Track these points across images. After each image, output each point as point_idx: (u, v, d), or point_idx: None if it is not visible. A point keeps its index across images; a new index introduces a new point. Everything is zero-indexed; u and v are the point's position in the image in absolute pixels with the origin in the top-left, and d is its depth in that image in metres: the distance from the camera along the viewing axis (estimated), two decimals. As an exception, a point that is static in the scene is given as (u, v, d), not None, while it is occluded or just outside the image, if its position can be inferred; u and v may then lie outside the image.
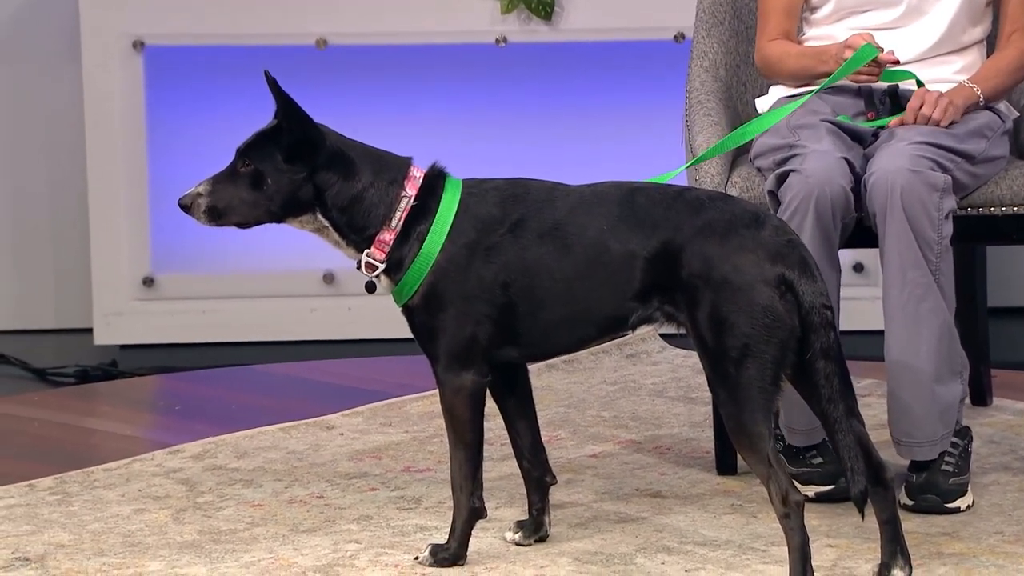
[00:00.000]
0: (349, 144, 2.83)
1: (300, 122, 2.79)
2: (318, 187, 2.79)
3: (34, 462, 3.46)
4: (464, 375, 2.79)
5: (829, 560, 2.90)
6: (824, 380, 2.69)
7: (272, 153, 2.79)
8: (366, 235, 2.80)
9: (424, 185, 2.81)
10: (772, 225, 2.74)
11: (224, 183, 2.80)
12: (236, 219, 2.80)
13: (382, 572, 2.88)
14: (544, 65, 4.55)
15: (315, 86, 4.52)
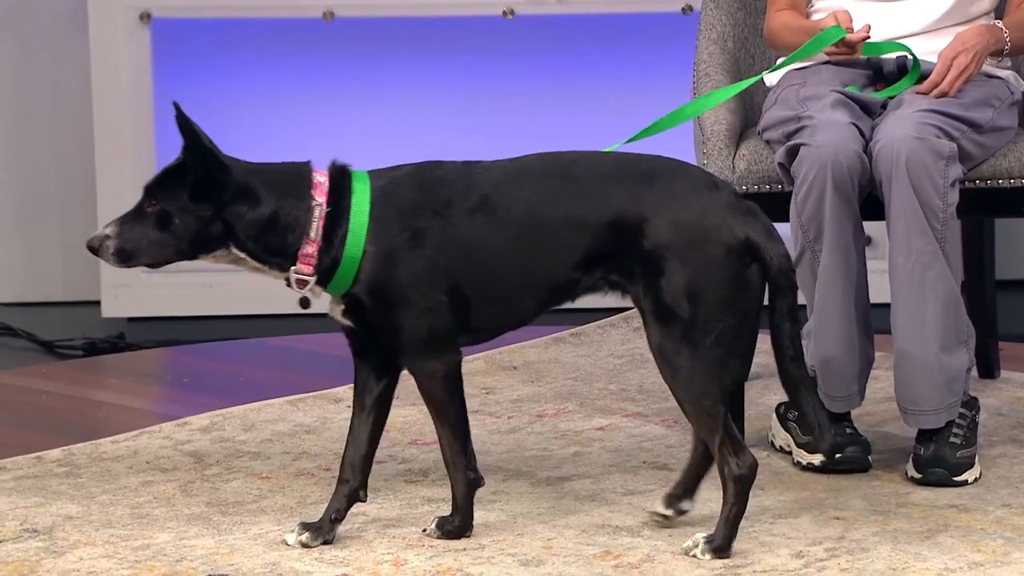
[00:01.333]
0: (252, 171, 2.77)
1: (204, 159, 2.73)
2: (227, 223, 2.74)
3: (42, 434, 3.47)
4: (433, 362, 2.77)
5: (836, 532, 2.91)
6: (789, 341, 2.73)
7: (178, 192, 2.74)
8: (289, 255, 2.75)
9: (332, 188, 2.75)
10: (728, 190, 2.75)
11: (132, 224, 2.75)
12: (146, 260, 2.76)
13: (390, 544, 2.88)
14: (551, 37, 4.54)
15: (322, 58, 4.51)
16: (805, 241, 3.13)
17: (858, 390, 3.18)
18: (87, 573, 2.80)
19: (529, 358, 3.91)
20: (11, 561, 2.85)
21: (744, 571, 2.77)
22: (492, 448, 3.35)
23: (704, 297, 2.68)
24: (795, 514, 2.99)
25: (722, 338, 2.69)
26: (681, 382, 2.71)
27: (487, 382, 3.75)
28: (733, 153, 3.27)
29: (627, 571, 2.77)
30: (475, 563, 2.81)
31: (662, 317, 2.70)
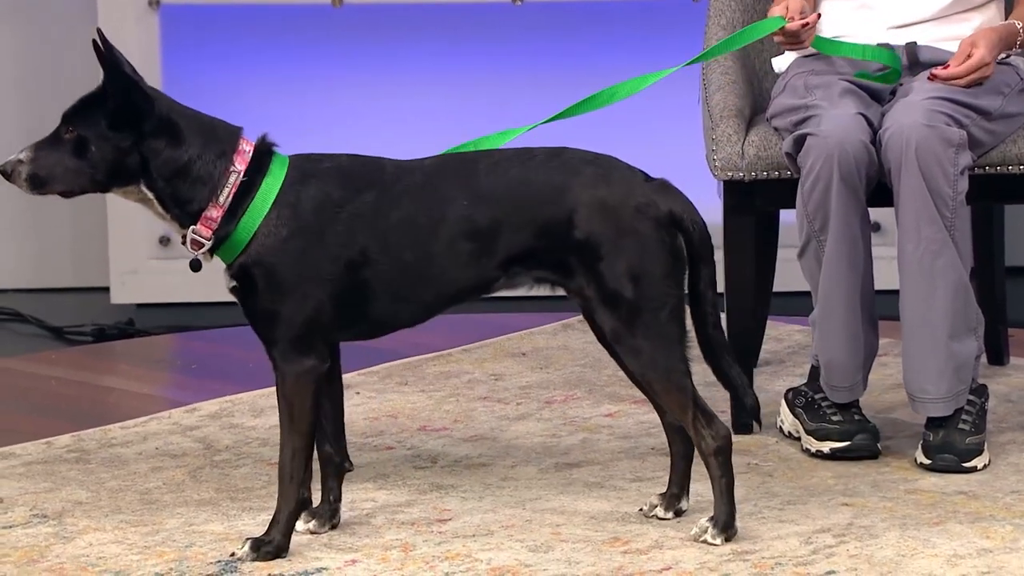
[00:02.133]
0: (180, 111, 2.73)
1: (126, 87, 2.69)
2: (144, 156, 2.70)
3: (52, 419, 3.47)
4: (304, 361, 2.72)
5: (845, 519, 2.91)
6: (711, 308, 2.76)
7: (97, 119, 2.69)
8: (190, 210, 2.71)
9: (252, 161, 2.72)
10: (637, 170, 2.76)
11: (47, 150, 2.71)
12: (59, 187, 2.72)
13: (398, 530, 2.89)
14: (561, 24, 4.53)
15: (330, 45, 4.51)
16: (811, 231, 3.13)
17: (861, 379, 3.18)
18: (96, 558, 2.80)
19: (538, 344, 3.91)
20: (21, 546, 2.85)
21: (753, 557, 2.77)
22: (500, 435, 3.35)
23: (648, 275, 2.70)
24: (804, 500, 2.99)
25: (675, 311, 2.71)
26: (645, 362, 2.72)
27: (495, 368, 3.76)
28: (742, 139, 3.27)
29: (636, 557, 2.77)
30: (484, 549, 2.81)
31: (610, 303, 2.71)
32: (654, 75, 3.00)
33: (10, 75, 4.62)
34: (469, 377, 3.69)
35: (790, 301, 3.91)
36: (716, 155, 3.28)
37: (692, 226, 2.73)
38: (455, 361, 3.80)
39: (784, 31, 3.08)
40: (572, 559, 2.77)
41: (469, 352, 3.85)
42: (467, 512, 2.95)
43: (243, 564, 2.76)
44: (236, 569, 2.75)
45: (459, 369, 3.75)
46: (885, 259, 3.33)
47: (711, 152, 3.29)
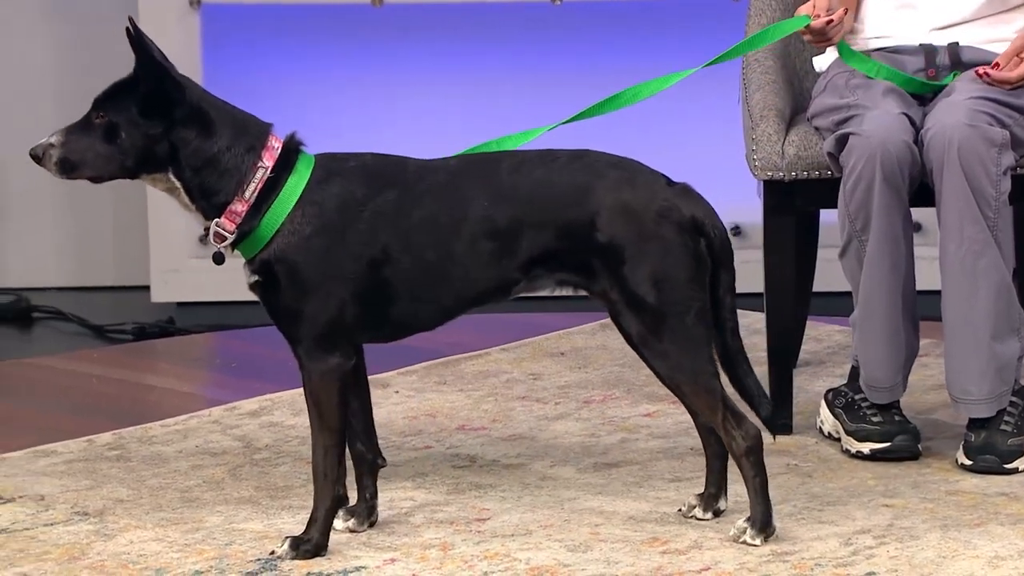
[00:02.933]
0: (211, 102, 2.73)
1: (157, 74, 2.68)
2: (174, 144, 2.70)
3: (93, 418, 3.49)
4: (329, 359, 2.72)
5: (885, 520, 2.90)
6: (729, 313, 2.76)
7: (127, 105, 2.69)
8: (216, 202, 2.71)
9: (280, 158, 2.72)
10: (660, 174, 2.76)
11: (77, 134, 2.71)
12: (89, 172, 2.72)
13: (437, 529, 2.89)
14: (600, 24, 4.53)
15: (371, 44, 4.52)
16: (852, 231, 3.12)
17: (901, 380, 3.17)
18: (137, 556, 2.82)
19: (576, 344, 3.91)
20: (62, 544, 2.87)
21: (793, 558, 2.76)
22: (539, 434, 3.35)
23: (672, 280, 2.70)
24: (844, 501, 2.98)
25: (700, 314, 2.71)
26: (672, 365, 2.72)
27: (534, 368, 3.76)
28: (783, 139, 3.26)
29: (675, 557, 2.77)
30: (522, 549, 2.81)
31: (635, 307, 2.70)
32: (677, 75, 2.99)
33: (51, 75, 4.64)
34: (507, 376, 3.69)
35: (830, 301, 3.90)
36: (756, 155, 3.27)
37: (713, 231, 2.73)
38: (493, 360, 3.80)
39: (810, 29, 3.07)
40: (611, 559, 2.77)
41: (508, 351, 3.86)
42: (506, 511, 2.95)
43: (282, 562, 2.77)
44: (275, 567, 2.76)
45: (497, 368, 3.75)
46: (927, 259, 3.32)
47: (751, 152, 3.28)
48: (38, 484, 3.12)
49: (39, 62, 4.63)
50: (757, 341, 3.61)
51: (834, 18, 3.06)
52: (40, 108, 4.60)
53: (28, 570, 2.78)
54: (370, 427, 2.88)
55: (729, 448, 2.76)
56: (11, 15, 4.62)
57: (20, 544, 2.87)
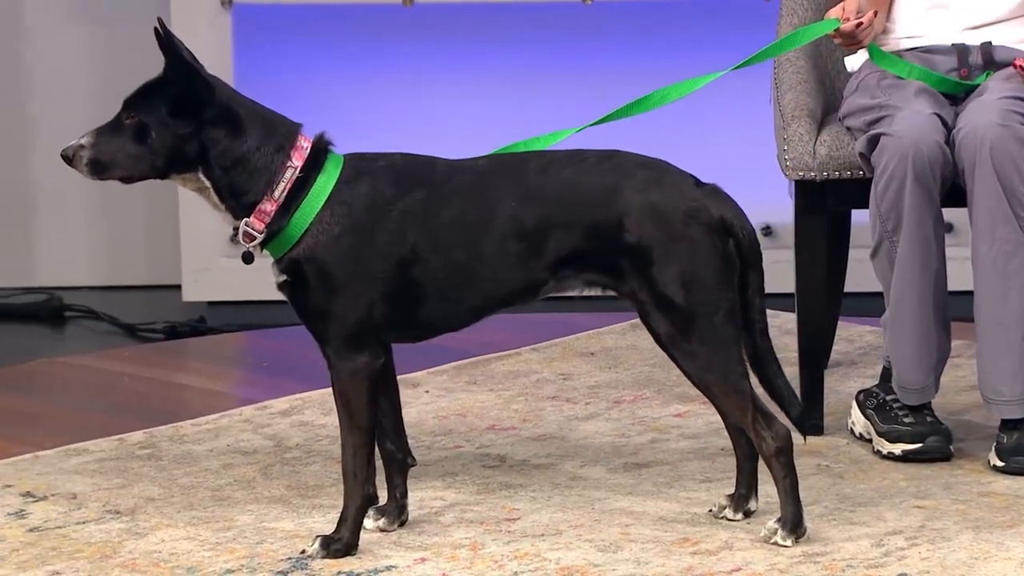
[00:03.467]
0: (240, 102, 2.73)
1: (187, 74, 2.69)
2: (203, 144, 2.70)
3: (124, 416, 3.50)
4: (358, 358, 2.72)
5: (917, 521, 2.89)
6: (759, 314, 2.76)
7: (157, 105, 2.70)
8: (245, 202, 2.72)
9: (310, 156, 2.72)
10: (688, 174, 2.76)
11: (108, 135, 2.72)
12: (119, 173, 2.73)
13: (467, 529, 2.89)
14: (631, 23, 4.52)
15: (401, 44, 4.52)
16: (883, 231, 3.11)
17: (933, 382, 3.16)
18: (168, 555, 2.83)
19: (607, 344, 3.90)
20: (94, 542, 2.88)
21: (824, 559, 2.75)
22: (569, 434, 3.35)
23: (700, 280, 2.70)
24: (875, 502, 2.97)
25: (729, 314, 2.71)
26: (702, 365, 2.72)
27: (564, 368, 3.75)
28: (814, 139, 3.25)
29: (705, 558, 2.76)
30: (553, 549, 2.81)
31: (664, 308, 2.70)
32: (706, 77, 2.99)
33: (83, 76, 4.66)
34: (538, 376, 3.69)
35: (862, 302, 3.89)
36: (787, 155, 3.26)
37: (742, 232, 2.73)
38: (524, 360, 3.80)
39: (839, 32, 3.06)
40: (641, 559, 2.76)
41: (538, 351, 3.85)
42: (536, 511, 2.95)
43: (313, 561, 2.78)
44: (306, 566, 2.76)
45: (528, 368, 3.75)
46: (958, 260, 3.31)
47: (782, 152, 3.28)
48: (70, 482, 3.13)
49: (70, 63, 4.65)
50: (788, 342, 3.60)
51: (864, 21, 3.05)
52: (71, 109, 4.62)
53: (60, 568, 2.79)
54: (400, 426, 2.88)
55: (759, 449, 2.76)
56: (42, 16, 4.64)
57: (52, 542, 2.88)
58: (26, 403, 3.62)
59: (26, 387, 3.74)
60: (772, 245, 4.30)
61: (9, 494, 3.07)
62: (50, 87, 4.65)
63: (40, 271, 4.68)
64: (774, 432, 2.74)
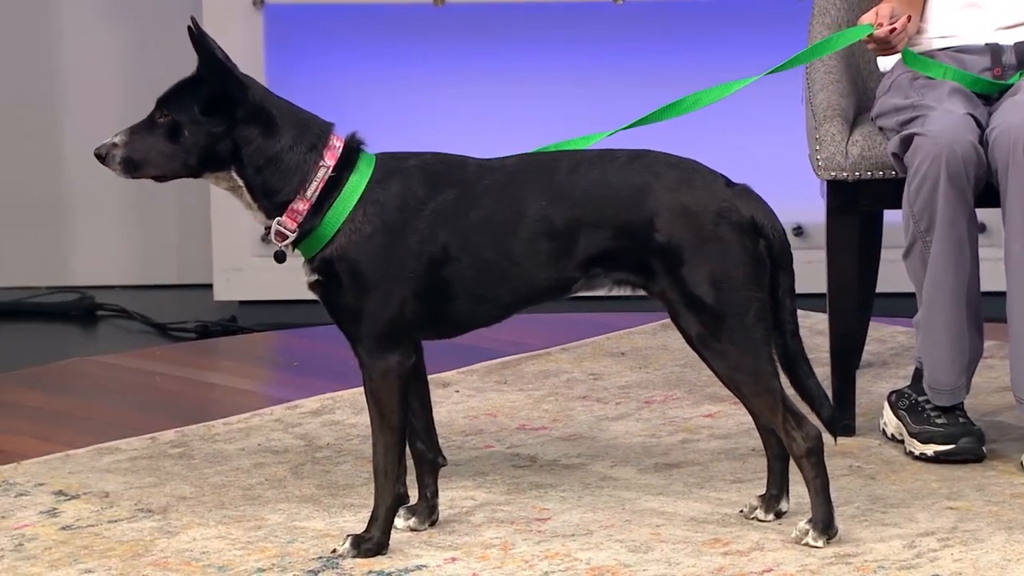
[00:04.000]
0: (273, 101, 2.74)
1: (220, 73, 2.70)
2: (236, 143, 2.70)
3: (156, 415, 3.51)
4: (390, 357, 2.72)
5: (949, 523, 2.87)
6: (789, 316, 2.76)
7: (190, 104, 2.71)
8: (277, 201, 2.72)
9: (342, 156, 2.72)
10: (719, 174, 2.75)
11: (141, 134, 2.73)
12: (153, 171, 2.73)
13: (497, 529, 2.89)
14: (662, 23, 4.52)
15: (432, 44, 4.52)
16: (916, 231, 3.09)
17: (965, 383, 3.15)
18: (200, 553, 2.83)
19: (637, 344, 3.90)
20: (126, 540, 2.89)
21: (855, 560, 2.74)
22: (600, 434, 3.35)
23: (730, 281, 2.70)
24: (907, 503, 2.96)
25: (760, 314, 2.71)
26: (732, 365, 2.71)
27: (595, 368, 3.75)
28: (846, 139, 3.24)
29: (736, 559, 2.76)
30: (583, 549, 2.81)
31: (694, 308, 2.70)
32: (738, 82, 2.99)
33: (115, 75, 4.68)
34: (568, 376, 3.69)
35: (894, 302, 3.87)
36: (819, 155, 3.25)
37: (772, 233, 2.73)
38: (554, 360, 3.80)
39: (873, 37, 3.05)
40: (672, 560, 2.76)
41: (568, 351, 3.85)
42: (566, 511, 2.95)
43: (344, 561, 2.78)
44: (337, 566, 2.77)
45: (558, 368, 3.75)
46: (992, 260, 3.29)
47: (814, 151, 3.27)
48: (102, 481, 3.14)
49: (103, 62, 4.67)
50: (820, 342, 3.59)
51: (897, 26, 3.04)
52: (104, 109, 4.63)
53: (92, 566, 2.80)
54: (430, 426, 2.88)
55: (789, 449, 2.75)
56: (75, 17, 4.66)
57: (85, 541, 2.89)
58: (58, 402, 3.64)
59: (58, 386, 3.75)
60: (804, 245, 4.28)
61: (41, 493, 3.08)
62: (83, 87, 4.67)
63: (73, 271, 4.70)
64: (804, 432, 2.73)
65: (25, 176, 4.69)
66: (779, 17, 4.43)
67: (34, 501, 3.05)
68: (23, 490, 3.10)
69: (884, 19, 3.05)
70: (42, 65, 4.67)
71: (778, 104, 4.12)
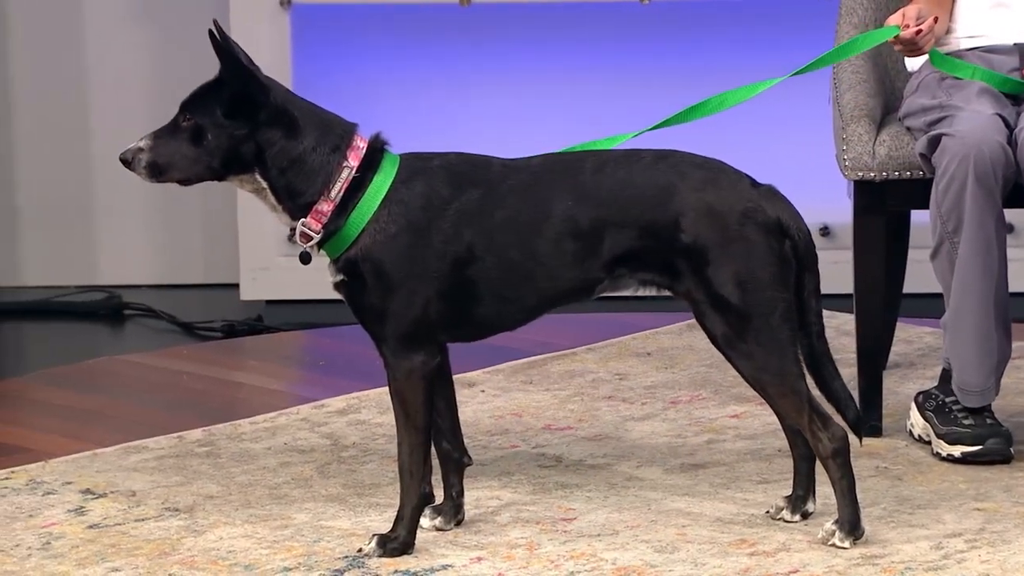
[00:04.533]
0: (296, 103, 2.75)
1: (242, 76, 2.71)
2: (260, 145, 2.71)
3: (183, 414, 3.52)
4: (414, 357, 2.72)
5: (977, 524, 2.86)
6: (815, 318, 2.75)
7: (213, 108, 2.72)
8: (302, 202, 2.73)
9: (365, 157, 2.73)
10: (745, 175, 2.74)
11: (165, 138, 2.74)
12: (177, 175, 2.74)
13: (523, 529, 2.89)
14: (688, 23, 4.51)
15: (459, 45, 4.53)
16: (944, 232, 3.08)
17: (993, 384, 3.13)
18: (227, 552, 2.84)
19: (663, 344, 3.90)
20: (153, 539, 2.90)
21: (882, 562, 2.74)
22: (625, 435, 3.34)
23: (756, 281, 2.69)
24: (934, 504, 2.95)
25: (785, 314, 2.71)
26: (758, 366, 2.71)
27: (620, 368, 3.75)
28: (874, 139, 3.24)
29: (762, 559, 2.75)
30: (609, 549, 2.80)
31: (720, 308, 2.70)
32: (764, 83, 2.98)
33: (143, 75, 4.69)
34: (593, 376, 3.69)
35: (921, 303, 3.86)
36: (846, 155, 3.25)
37: (798, 234, 2.73)
38: (579, 360, 3.79)
39: (899, 39, 3.04)
40: (698, 560, 2.76)
41: (594, 351, 3.85)
42: (592, 511, 2.95)
43: (370, 560, 2.78)
44: (363, 565, 2.77)
45: (583, 368, 3.74)
46: (1019, 261, 3.28)
47: (841, 152, 3.26)
48: (129, 480, 3.15)
49: (130, 63, 4.68)
50: (846, 342, 3.58)
51: (923, 28, 3.03)
52: (132, 109, 4.65)
53: (119, 565, 2.81)
54: (456, 426, 2.89)
55: (815, 450, 2.75)
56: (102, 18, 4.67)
57: (112, 539, 2.90)
58: (86, 401, 3.65)
59: (86, 385, 3.77)
60: (830, 246, 4.27)
61: (69, 491, 3.10)
62: (111, 88, 4.69)
63: (100, 270, 4.72)
64: (830, 433, 2.73)
65: (54, 176, 4.70)
66: (806, 16, 4.42)
67: (62, 500, 3.06)
68: (51, 488, 3.11)
69: (911, 20, 3.04)
70: (70, 67, 4.69)
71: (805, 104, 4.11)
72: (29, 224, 4.71)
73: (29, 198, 4.71)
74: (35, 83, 4.68)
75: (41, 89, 4.68)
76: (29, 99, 4.67)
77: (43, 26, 4.66)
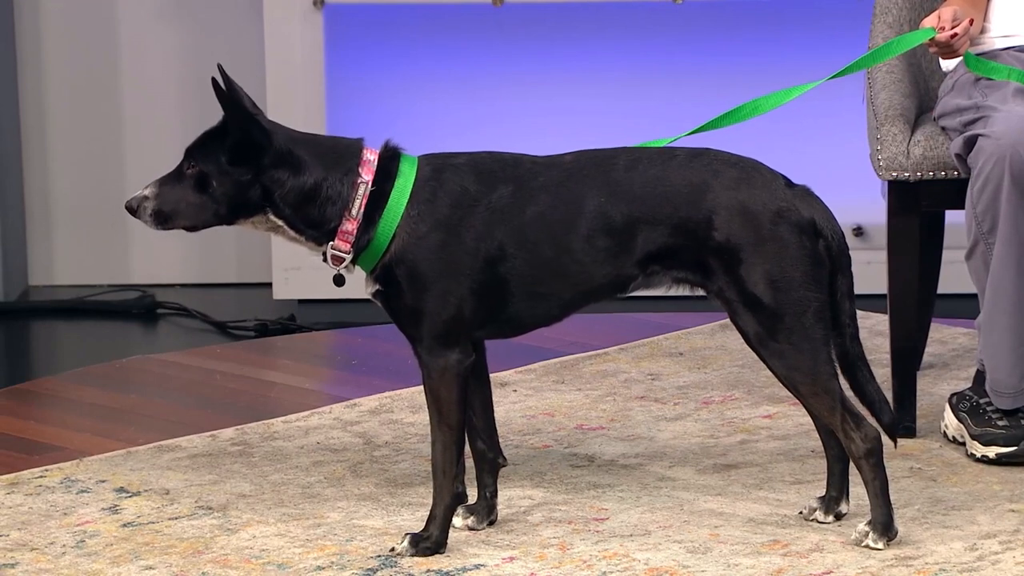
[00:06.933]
0: (298, 141, 2.76)
1: (243, 122, 2.72)
2: (266, 188, 2.73)
3: (216, 413, 3.53)
4: (449, 355, 2.73)
5: (1011, 525, 2.85)
6: (849, 320, 2.74)
7: (216, 154, 2.73)
8: (327, 229, 2.73)
9: (380, 168, 2.73)
10: (780, 174, 2.73)
11: (170, 185, 2.75)
12: (183, 223, 2.76)
13: (556, 528, 2.89)
14: (721, 23, 4.50)
15: (491, 44, 4.53)
16: (979, 233, 3.07)
17: None
18: (260, 551, 2.85)
19: (695, 344, 3.89)
20: (186, 538, 2.91)
21: (916, 563, 2.73)
22: (657, 435, 3.34)
23: (789, 280, 2.69)
24: (968, 506, 2.94)
25: (819, 314, 2.70)
26: (790, 365, 2.71)
27: (653, 368, 3.74)
28: (908, 139, 3.22)
29: (796, 560, 2.74)
30: (641, 549, 2.80)
31: (752, 307, 2.70)
32: (799, 88, 2.97)
33: (176, 75, 4.71)
34: (626, 376, 3.69)
35: (956, 303, 3.85)
36: (881, 155, 3.24)
37: (832, 235, 2.72)
38: (612, 360, 3.79)
39: (935, 41, 3.03)
40: (731, 561, 2.75)
41: (626, 351, 3.85)
42: (624, 511, 2.95)
43: (402, 559, 2.79)
44: (395, 564, 2.78)
45: (616, 368, 3.74)
46: (1055, 262, 3.25)
47: (875, 152, 3.25)
48: (163, 478, 3.16)
49: (163, 63, 4.70)
50: (880, 343, 3.57)
51: (959, 30, 3.01)
52: (164, 109, 4.66)
53: (153, 563, 2.82)
54: (491, 425, 2.89)
55: (848, 450, 2.74)
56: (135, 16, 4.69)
57: (146, 538, 2.91)
58: (120, 399, 3.67)
59: (120, 384, 3.78)
60: (864, 246, 4.26)
61: (103, 489, 3.11)
62: (143, 88, 4.70)
63: (134, 269, 4.73)
64: (863, 433, 2.72)
65: (87, 176, 4.72)
66: (840, 15, 4.41)
67: (96, 498, 3.07)
68: (85, 487, 3.12)
69: (946, 23, 3.02)
70: (102, 67, 4.71)
71: (839, 104, 4.10)
72: (63, 223, 4.73)
73: (63, 197, 4.73)
74: (68, 84, 4.70)
75: (74, 89, 4.70)
76: (62, 100, 4.69)
77: (76, 26, 4.68)
